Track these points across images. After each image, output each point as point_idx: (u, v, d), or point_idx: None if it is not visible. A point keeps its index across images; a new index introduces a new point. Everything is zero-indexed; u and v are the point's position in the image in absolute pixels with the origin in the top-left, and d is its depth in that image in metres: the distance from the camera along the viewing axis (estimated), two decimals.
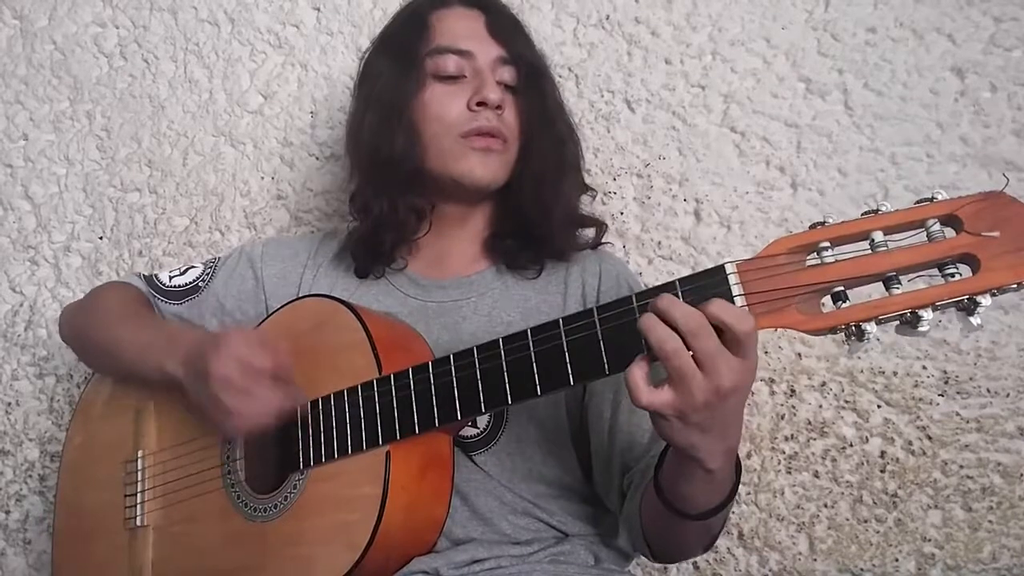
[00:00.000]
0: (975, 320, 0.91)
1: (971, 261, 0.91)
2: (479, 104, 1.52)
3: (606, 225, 1.67)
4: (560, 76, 1.92)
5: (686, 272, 1.77)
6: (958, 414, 1.67)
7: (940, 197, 0.93)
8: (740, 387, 1.01)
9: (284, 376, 1.35)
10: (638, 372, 1.03)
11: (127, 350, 1.57)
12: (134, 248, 2.24)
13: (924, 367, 1.69)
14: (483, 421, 1.45)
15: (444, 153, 1.53)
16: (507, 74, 1.57)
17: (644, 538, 1.36)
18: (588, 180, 1.68)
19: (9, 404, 2.26)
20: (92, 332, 1.67)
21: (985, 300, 0.89)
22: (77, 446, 1.71)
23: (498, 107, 1.53)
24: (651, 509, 1.27)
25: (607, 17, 1.97)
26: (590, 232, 1.67)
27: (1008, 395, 1.65)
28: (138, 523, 1.53)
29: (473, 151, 1.53)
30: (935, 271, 0.93)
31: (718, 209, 1.84)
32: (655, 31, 1.93)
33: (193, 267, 1.75)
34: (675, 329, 0.98)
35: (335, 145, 2.12)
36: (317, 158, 2.14)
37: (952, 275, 0.91)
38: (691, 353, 0.98)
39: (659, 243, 1.86)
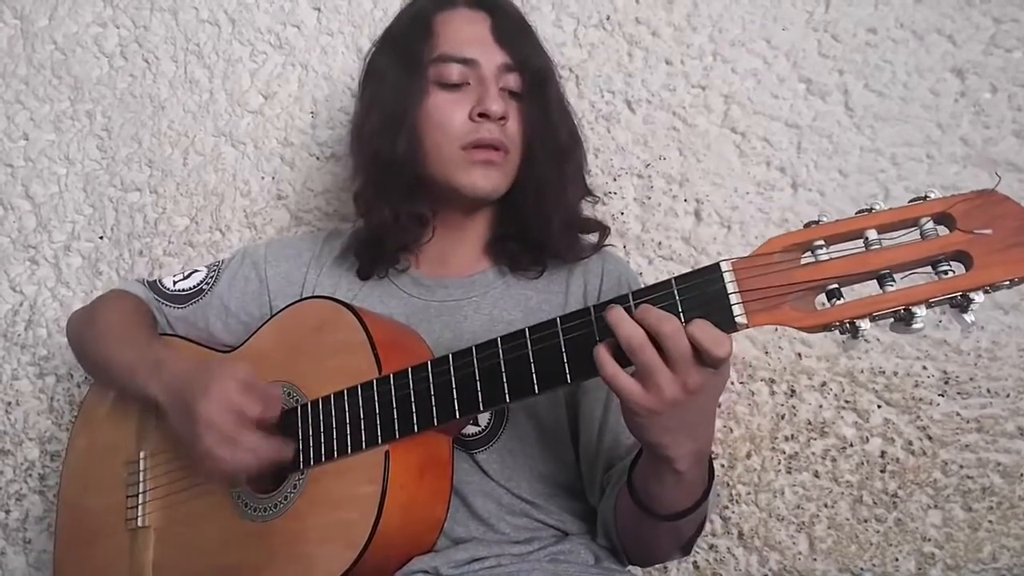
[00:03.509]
0: (969, 317, 0.92)
1: (964, 258, 0.92)
2: (481, 115, 1.50)
3: (609, 229, 1.66)
4: (561, 76, 1.92)
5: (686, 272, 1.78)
6: (958, 414, 1.67)
7: (933, 195, 0.94)
8: (707, 386, 1.03)
9: (271, 425, 1.35)
10: (603, 347, 1.06)
11: (116, 368, 1.58)
12: (134, 248, 2.24)
13: (924, 367, 1.69)
14: (484, 419, 1.46)
15: (445, 162, 1.52)
16: (512, 81, 1.55)
17: (617, 536, 1.40)
18: (588, 180, 1.67)
19: (9, 404, 2.26)
20: (89, 347, 1.69)
21: (978, 297, 0.90)
22: (80, 447, 1.71)
23: (501, 118, 1.51)
24: (623, 507, 1.30)
25: (608, 18, 1.97)
26: (594, 235, 1.66)
27: (1008, 395, 1.65)
28: (139, 524, 1.53)
29: (474, 164, 1.52)
30: (929, 269, 0.93)
31: (718, 209, 1.84)
32: (656, 32, 1.93)
33: (197, 271, 1.75)
34: (650, 331, 1.01)
35: (335, 145, 2.12)
36: (317, 158, 2.14)
37: (945, 272, 0.92)
38: (662, 353, 1.01)
39: (659, 243, 1.86)
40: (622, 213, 1.90)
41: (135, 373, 1.52)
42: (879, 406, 1.70)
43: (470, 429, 1.45)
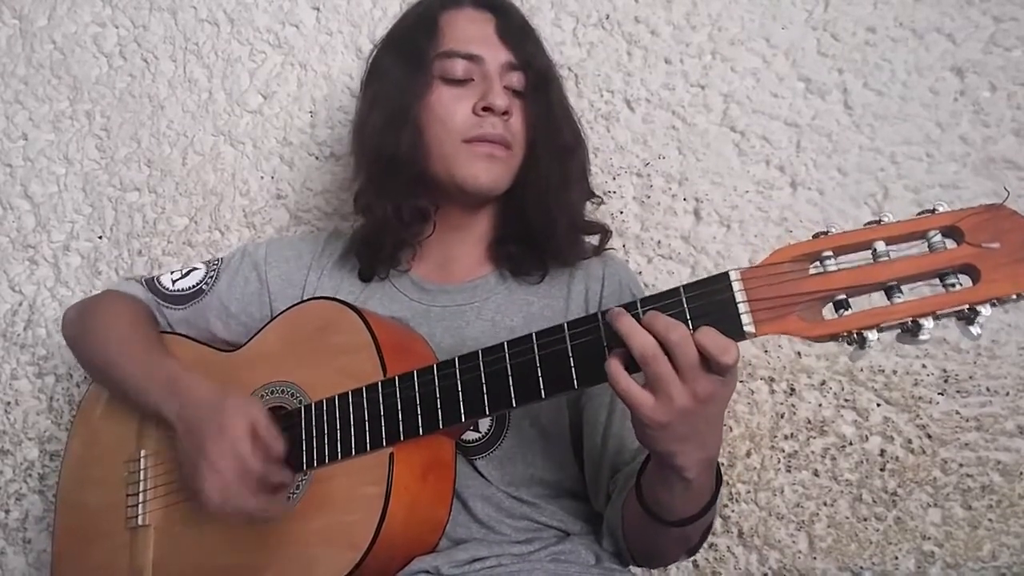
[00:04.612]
0: (975, 329, 0.92)
1: (971, 272, 0.93)
2: (485, 109, 1.51)
3: (611, 231, 1.67)
4: (561, 77, 1.92)
5: (685, 271, 1.79)
6: (958, 412, 1.67)
7: (942, 208, 0.95)
8: (717, 395, 1.04)
9: (272, 480, 1.35)
10: (615, 359, 1.07)
11: (127, 381, 1.56)
12: (133, 247, 2.24)
13: (924, 366, 1.70)
14: (485, 426, 1.46)
15: (447, 157, 1.52)
16: (515, 79, 1.56)
17: (625, 540, 1.40)
18: (588, 180, 1.67)
19: (9, 404, 2.26)
20: (93, 352, 1.67)
21: (985, 310, 0.91)
22: (79, 446, 1.70)
23: (504, 113, 1.52)
24: (631, 513, 1.31)
25: (607, 17, 1.97)
26: (595, 237, 1.66)
27: (1008, 394, 1.66)
28: (139, 523, 1.53)
29: (476, 157, 1.52)
30: (936, 281, 0.94)
31: (718, 208, 1.84)
32: (655, 31, 1.93)
33: (196, 269, 1.74)
34: (658, 338, 1.02)
35: (335, 144, 2.12)
36: (317, 157, 2.14)
37: (953, 285, 0.93)
38: (671, 361, 1.02)
39: (659, 242, 1.87)
40: (621, 212, 1.90)
41: (147, 388, 1.51)
42: (878, 404, 1.71)
43: (470, 435, 1.45)
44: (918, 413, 1.69)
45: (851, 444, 1.72)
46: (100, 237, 2.28)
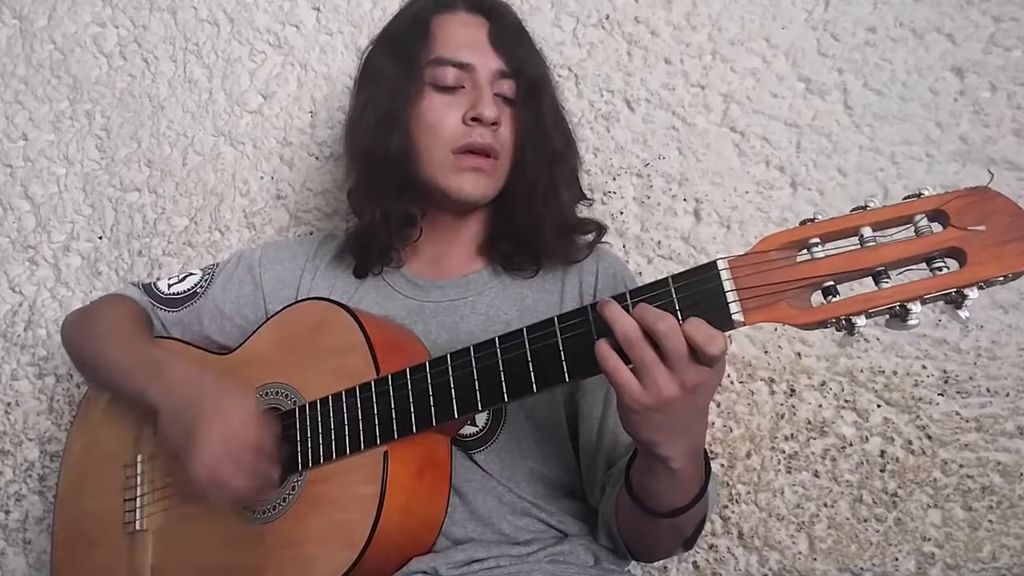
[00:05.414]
0: (964, 313, 0.92)
1: (958, 255, 0.92)
2: (474, 119, 1.51)
3: (605, 227, 1.66)
4: (560, 76, 1.92)
5: None
6: (958, 413, 1.66)
7: (927, 192, 0.95)
8: (706, 384, 1.05)
9: (264, 460, 1.34)
10: (604, 342, 1.06)
11: (114, 370, 1.57)
12: (134, 248, 2.24)
13: (924, 366, 1.69)
14: (481, 420, 1.46)
15: (435, 165, 1.53)
16: (506, 87, 1.56)
17: (619, 534, 1.40)
18: (588, 180, 1.67)
19: (9, 404, 2.26)
20: (85, 348, 1.68)
21: (972, 293, 0.91)
22: (77, 451, 1.70)
23: (493, 123, 1.52)
24: (623, 505, 1.31)
25: (607, 17, 1.97)
26: (590, 235, 1.65)
27: (1008, 394, 1.65)
28: (137, 527, 1.53)
29: (463, 170, 1.52)
30: (923, 265, 0.94)
31: (718, 209, 1.84)
32: (655, 31, 1.93)
33: (192, 274, 1.76)
34: (646, 329, 1.02)
35: (335, 145, 2.12)
36: (317, 158, 2.14)
37: (940, 269, 0.92)
38: (660, 351, 1.02)
39: (659, 243, 1.86)
40: (621, 212, 1.90)
41: (132, 375, 1.51)
42: (879, 405, 1.70)
43: (468, 429, 1.45)
44: (918, 414, 1.68)
45: (851, 445, 1.71)
46: (100, 237, 2.28)
